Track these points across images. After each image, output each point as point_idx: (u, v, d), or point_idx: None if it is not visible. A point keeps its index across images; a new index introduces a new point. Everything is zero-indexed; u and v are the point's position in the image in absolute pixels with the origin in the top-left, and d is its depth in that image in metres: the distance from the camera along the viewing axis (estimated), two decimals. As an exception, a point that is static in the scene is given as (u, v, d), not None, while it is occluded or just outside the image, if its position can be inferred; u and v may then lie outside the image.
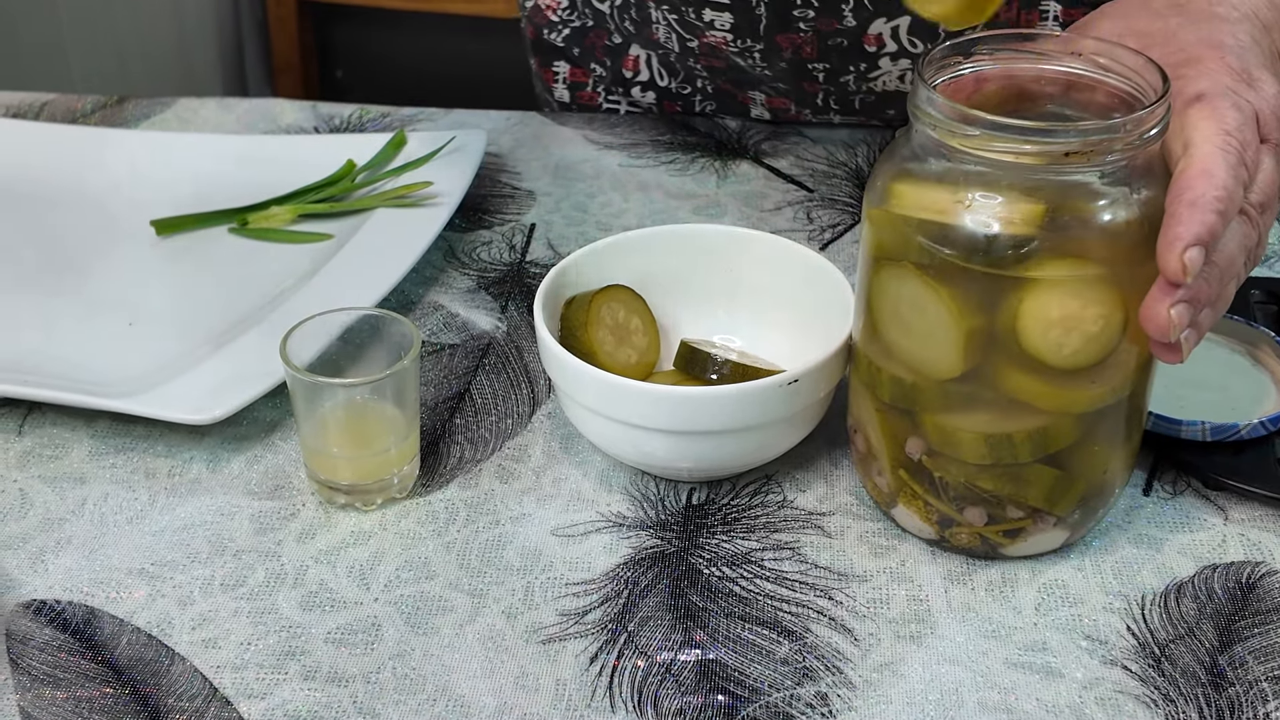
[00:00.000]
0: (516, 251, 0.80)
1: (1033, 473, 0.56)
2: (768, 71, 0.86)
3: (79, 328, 0.73)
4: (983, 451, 0.56)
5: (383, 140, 0.85)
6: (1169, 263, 0.51)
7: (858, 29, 0.82)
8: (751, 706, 0.54)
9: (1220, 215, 0.52)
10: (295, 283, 0.75)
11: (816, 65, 0.85)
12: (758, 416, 0.59)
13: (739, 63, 0.86)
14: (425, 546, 0.61)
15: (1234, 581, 0.59)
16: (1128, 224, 0.52)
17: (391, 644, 0.56)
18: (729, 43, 0.85)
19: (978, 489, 0.57)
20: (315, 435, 0.62)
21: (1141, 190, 0.53)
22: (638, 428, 0.60)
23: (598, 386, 0.60)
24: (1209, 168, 0.52)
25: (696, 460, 0.61)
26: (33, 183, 0.84)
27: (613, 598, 0.58)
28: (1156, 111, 0.52)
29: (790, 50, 0.84)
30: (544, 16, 0.93)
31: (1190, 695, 0.54)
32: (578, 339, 0.65)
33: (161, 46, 1.89)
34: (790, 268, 0.68)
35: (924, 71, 0.54)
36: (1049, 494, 0.57)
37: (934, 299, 0.54)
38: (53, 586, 0.59)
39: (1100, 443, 0.56)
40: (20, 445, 0.66)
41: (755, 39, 0.84)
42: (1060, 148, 0.51)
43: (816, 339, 0.63)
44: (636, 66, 0.91)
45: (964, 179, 0.53)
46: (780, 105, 0.91)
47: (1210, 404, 0.65)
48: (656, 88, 0.93)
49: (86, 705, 0.54)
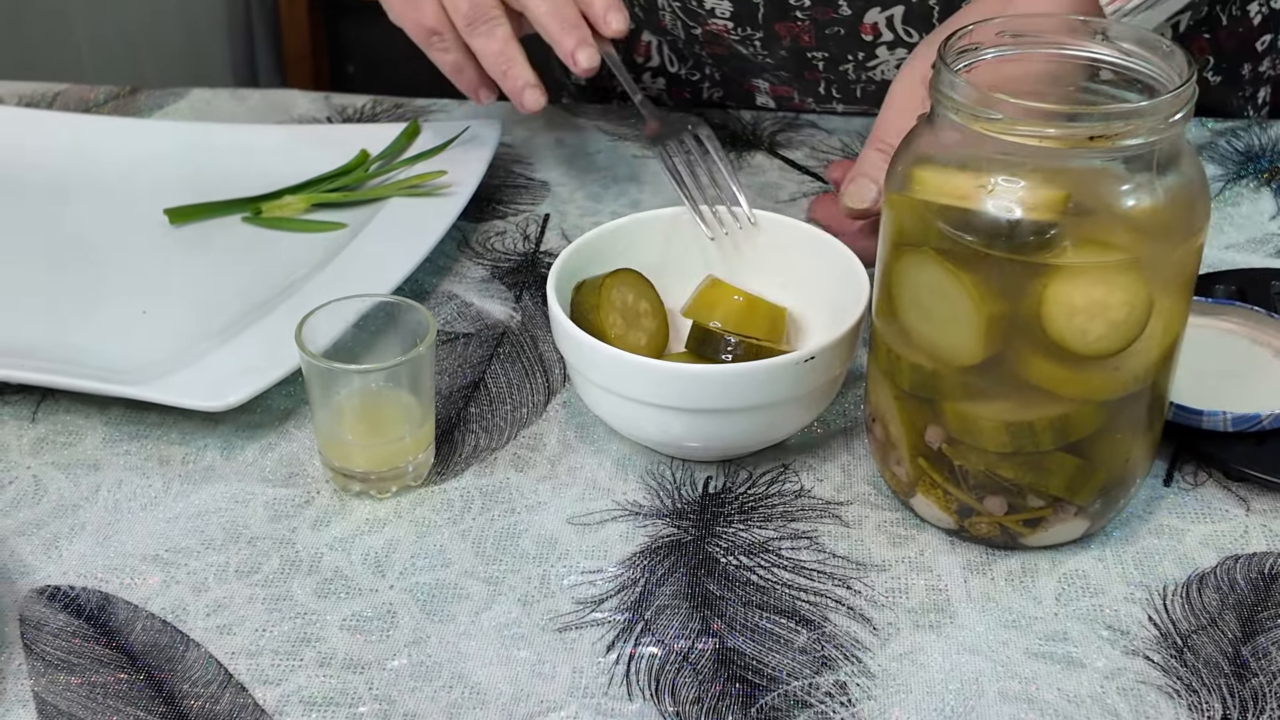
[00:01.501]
0: (530, 241, 0.80)
1: (1054, 461, 0.56)
2: (769, 60, 0.87)
3: (93, 315, 0.72)
4: (1004, 439, 0.55)
5: (396, 130, 0.84)
6: None
7: (853, 18, 0.83)
8: (770, 695, 0.53)
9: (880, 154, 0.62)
10: (309, 272, 0.75)
11: (815, 54, 0.85)
12: (769, 395, 0.59)
13: (741, 50, 0.87)
14: (441, 534, 0.61)
15: (1256, 572, 0.58)
16: (1152, 209, 0.52)
17: (407, 631, 0.56)
18: (730, 30, 0.85)
19: (998, 477, 0.56)
20: (330, 422, 0.62)
21: (1166, 175, 0.52)
22: (649, 405, 0.60)
23: (610, 364, 0.60)
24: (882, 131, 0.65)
25: (707, 439, 0.61)
26: (47, 172, 0.84)
27: (629, 586, 0.58)
28: (1182, 95, 0.51)
29: (789, 39, 0.84)
30: None
31: (1213, 686, 0.54)
32: (589, 322, 0.64)
33: (173, 42, 1.89)
34: (803, 249, 0.67)
35: (946, 55, 0.53)
36: (1070, 483, 0.56)
37: (955, 285, 0.53)
38: (67, 572, 0.59)
39: (1122, 431, 0.56)
40: (34, 432, 0.66)
41: (754, 27, 0.84)
42: (1084, 132, 0.50)
43: (828, 320, 0.63)
44: (648, 52, 0.92)
45: (986, 164, 0.53)
46: (784, 94, 0.91)
47: (1231, 394, 0.64)
48: (666, 74, 0.93)
49: (101, 691, 0.54)
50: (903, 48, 0.84)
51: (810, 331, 0.68)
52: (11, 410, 0.67)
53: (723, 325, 0.65)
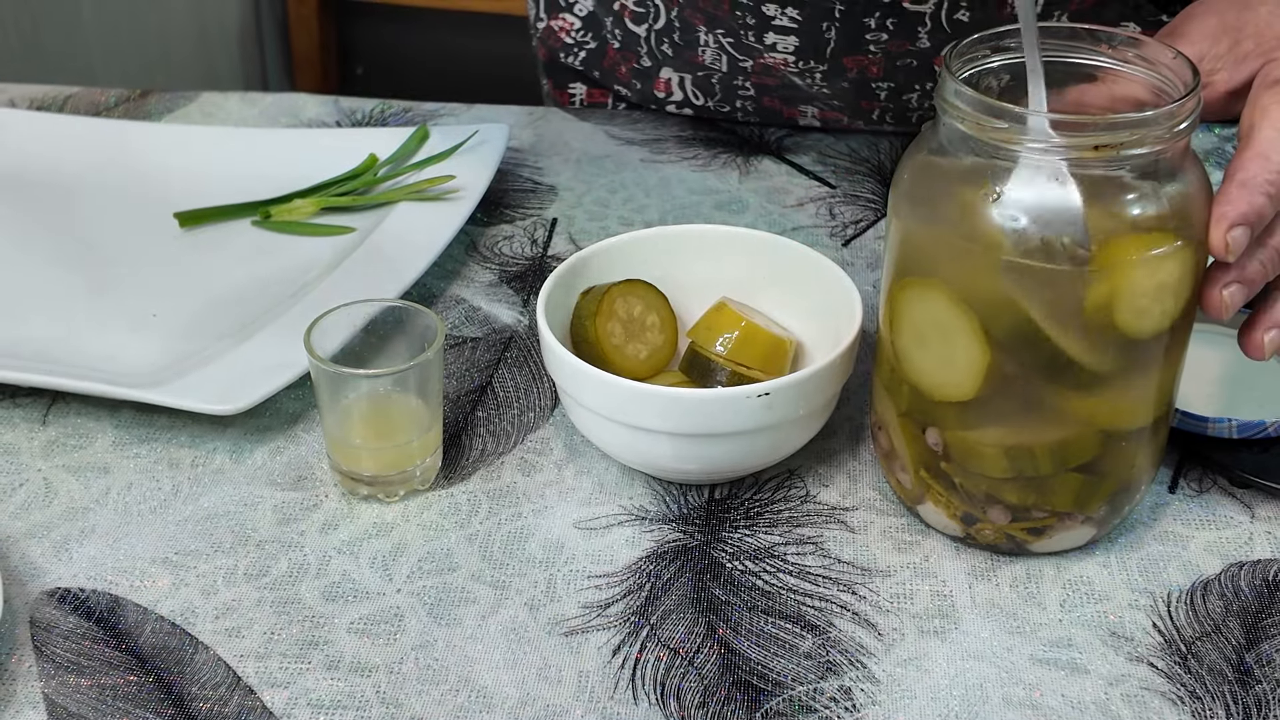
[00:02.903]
0: (538, 246, 0.80)
1: (1058, 482, 0.56)
2: (826, 90, 0.84)
3: (102, 319, 0.73)
4: (1004, 465, 0.55)
5: (405, 134, 0.85)
6: (1214, 240, 0.53)
7: (930, 50, 0.80)
8: (774, 700, 0.54)
9: (1270, 199, 0.53)
10: (318, 275, 0.75)
11: (880, 84, 0.83)
12: (731, 424, 0.59)
13: (796, 81, 0.84)
14: (447, 538, 0.61)
15: (1261, 579, 0.58)
16: (1157, 218, 0.52)
17: (414, 635, 0.56)
18: (789, 64, 0.82)
19: (999, 498, 0.57)
20: (338, 426, 0.62)
21: (1170, 185, 0.52)
22: (604, 418, 0.60)
23: (578, 378, 0.60)
24: (1266, 151, 0.54)
25: (671, 460, 0.61)
26: (57, 175, 0.84)
27: (635, 590, 0.58)
28: (1186, 105, 0.51)
29: (855, 71, 0.82)
30: (558, 39, 0.92)
31: (1217, 692, 0.54)
32: (585, 328, 0.64)
33: (183, 45, 1.90)
34: (804, 274, 0.67)
35: (951, 64, 0.54)
36: (1076, 498, 0.56)
37: (960, 322, 0.53)
38: (77, 575, 0.59)
39: (1128, 439, 0.56)
40: (45, 435, 0.67)
41: (820, 60, 0.81)
42: (1089, 140, 0.51)
43: (826, 346, 0.63)
44: (669, 88, 0.89)
45: (991, 172, 0.53)
46: (832, 118, 0.89)
47: (1237, 401, 0.64)
48: (693, 105, 0.91)
49: (110, 693, 0.54)
50: None
51: (809, 356, 0.68)
52: (22, 413, 0.68)
53: (724, 349, 0.64)
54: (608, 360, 0.64)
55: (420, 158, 0.83)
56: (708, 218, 0.82)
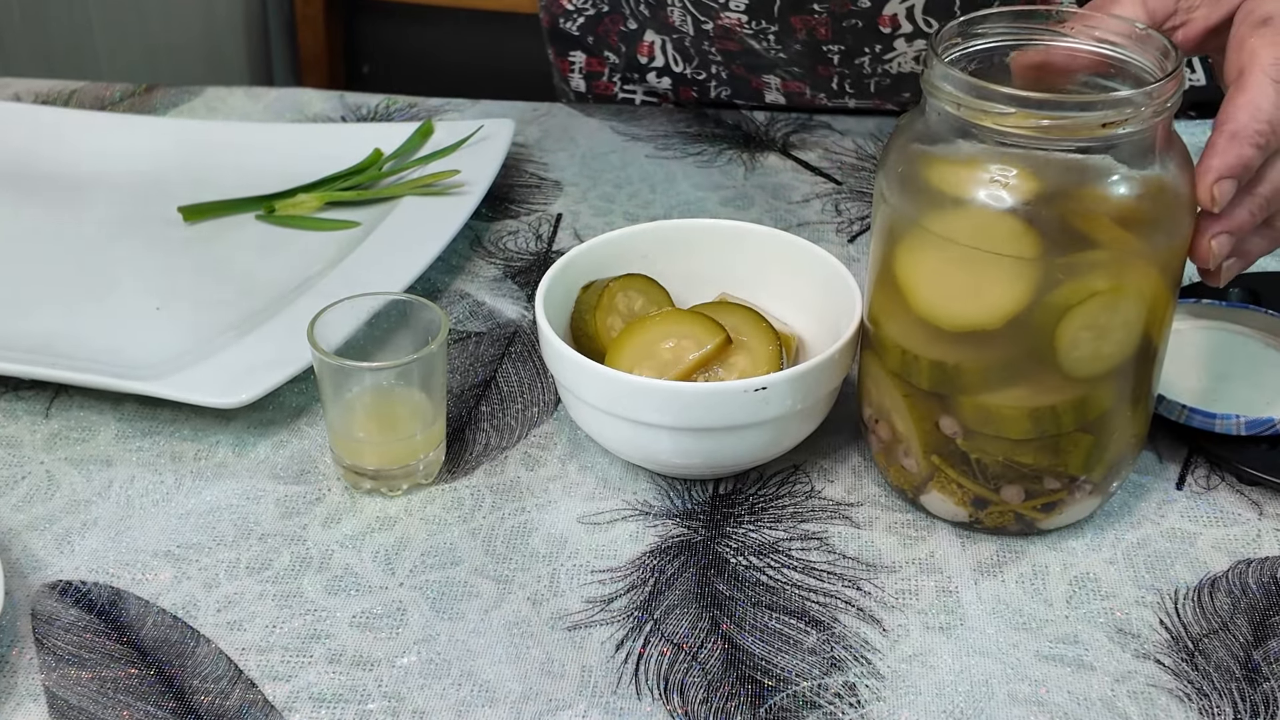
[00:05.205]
0: (543, 241, 0.80)
1: (1070, 441, 0.56)
2: (782, 54, 0.86)
3: (106, 312, 0.73)
4: (1026, 426, 0.55)
5: (410, 129, 0.85)
6: (1200, 191, 0.52)
7: (872, 10, 0.82)
8: (778, 695, 0.53)
9: (1259, 149, 0.52)
10: (322, 269, 0.75)
11: (831, 47, 0.85)
12: (724, 419, 0.59)
13: (753, 45, 0.86)
14: (451, 532, 0.61)
15: (1269, 576, 0.58)
16: (1138, 199, 0.52)
17: (417, 629, 0.56)
18: (744, 24, 0.84)
19: (1017, 464, 0.56)
20: (341, 420, 0.62)
21: (1151, 166, 0.52)
22: (601, 411, 0.60)
23: (575, 372, 0.60)
24: (1256, 99, 0.52)
25: (670, 454, 0.61)
26: (62, 169, 0.84)
27: (639, 585, 0.58)
28: (1166, 87, 0.51)
29: (804, 31, 0.84)
30: (560, 5, 0.93)
31: (1224, 690, 0.53)
32: (585, 322, 0.64)
33: (189, 42, 1.90)
34: (804, 268, 0.67)
35: (937, 47, 0.54)
36: (1086, 460, 0.56)
37: (992, 237, 0.53)
38: (79, 567, 0.59)
39: (1127, 402, 0.56)
40: (47, 427, 0.66)
41: (770, 20, 0.83)
42: (1074, 121, 0.50)
43: (827, 341, 0.63)
44: (651, 52, 0.91)
45: (977, 155, 0.53)
46: (795, 89, 0.90)
47: (1245, 398, 0.64)
48: (672, 73, 0.93)
49: (112, 685, 0.54)
50: (921, 39, 0.83)
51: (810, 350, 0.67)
52: (25, 406, 0.68)
53: None
54: (610, 357, 0.64)
55: (425, 153, 0.83)
56: (713, 213, 0.82)
